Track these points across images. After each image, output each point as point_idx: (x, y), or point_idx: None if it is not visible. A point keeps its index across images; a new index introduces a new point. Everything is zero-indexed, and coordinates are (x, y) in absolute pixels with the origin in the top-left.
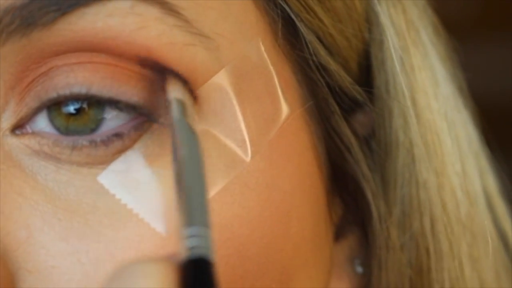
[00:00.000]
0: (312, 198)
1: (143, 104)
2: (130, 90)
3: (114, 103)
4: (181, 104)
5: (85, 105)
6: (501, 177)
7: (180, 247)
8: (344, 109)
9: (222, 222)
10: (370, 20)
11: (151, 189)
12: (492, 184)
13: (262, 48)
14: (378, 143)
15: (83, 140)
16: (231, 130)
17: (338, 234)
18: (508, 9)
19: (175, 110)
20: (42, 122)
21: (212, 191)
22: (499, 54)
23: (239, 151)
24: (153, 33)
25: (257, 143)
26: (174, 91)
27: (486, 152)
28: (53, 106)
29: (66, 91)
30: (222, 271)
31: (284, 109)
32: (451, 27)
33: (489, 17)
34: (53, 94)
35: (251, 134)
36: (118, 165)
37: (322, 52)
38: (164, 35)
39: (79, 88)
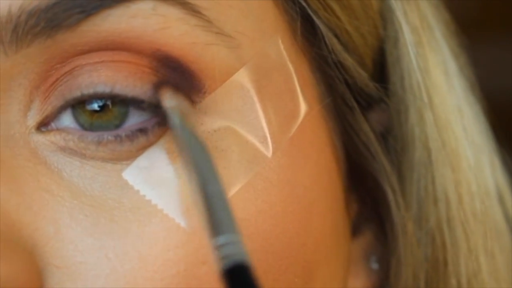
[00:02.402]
0: (331, 194)
1: None
2: (152, 89)
3: (137, 103)
4: (181, 112)
5: (109, 102)
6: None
7: (215, 258)
8: (361, 106)
9: (247, 217)
10: (384, 17)
11: (175, 185)
12: (502, 178)
13: (282, 46)
14: (394, 139)
15: (108, 135)
16: (252, 126)
17: (354, 231)
18: (508, 10)
19: (175, 118)
20: (66, 120)
21: (236, 187)
22: (499, 55)
23: (261, 147)
24: (176, 33)
25: (278, 140)
26: (171, 101)
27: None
28: (77, 104)
29: (90, 90)
30: None
31: (303, 106)
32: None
33: (489, 18)
34: (77, 93)
35: (272, 130)
36: (142, 161)
37: (339, 49)
38: (186, 35)
39: (103, 87)
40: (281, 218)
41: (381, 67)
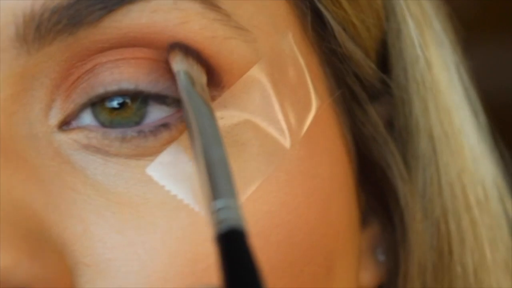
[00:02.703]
0: (346, 186)
1: None
2: (174, 85)
3: (161, 98)
4: (189, 76)
5: (128, 100)
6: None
7: (211, 222)
8: (368, 98)
9: (271, 209)
10: (387, 9)
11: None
12: (497, 170)
13: (293, 41)
14: (398, 130)
15: (131, 131)
16: (271, 119)
17: (363, 223)
18: (507, 10)
19: (183, 81)
20: (87, 118)
21: (258, 180)
22: (499, 55)
23: (280, 140)
24: (196, 27)
25: (295, 132)
26: (181, 64)
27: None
28: (97, 102)
29: (114, 87)
30: (274, 257)
31: (316, 99)
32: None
33: (489, 18)
34: (100, 90)
35: (289, 123)
36: (165, 156)
37: (348, 42)
38: (206, 29)
39: (127, 84)
40: (303, 209)
41: (383, 59)
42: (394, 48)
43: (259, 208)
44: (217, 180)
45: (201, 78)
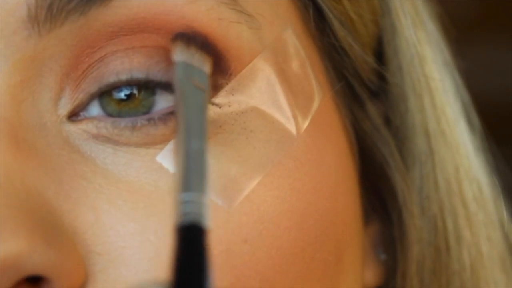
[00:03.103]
0: (350, 177)
1: None
2: None
3: (171, 87)
4: (187, 65)
5: (135, 91)
6: (498, 175)
7: (175, 213)
8: (366, 94)
9: (281, 194)
10: (383, 7)
11: (211, 166)
12: (490, 170)
13: (295, 32)
14: (395, 127)
15: (141, 119)
16: (277, 108)
17: (364, 221)
18: (506, 11)
19: (178, 72)
20: (94, 110)
21: (268, 166)
22: (497, 56)
23: (288, 127)
24: (203, 8)
25: (301, 121)
26: (181, 54)
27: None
28: (104, 93)
29: (125, 76)
30: (286, 243)
31: (319, 90)
32: (448, 29)
33: (488, 18)
34: (111, 79)
35: (294, 112)
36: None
37: (346, 36)
38: (212, 10)
39: (137, 73)
40: (312, 196)
41: (379, 57)
42: (389, 46)
43: (269, 193)
44: (190, 172)
45: (204, 66)
